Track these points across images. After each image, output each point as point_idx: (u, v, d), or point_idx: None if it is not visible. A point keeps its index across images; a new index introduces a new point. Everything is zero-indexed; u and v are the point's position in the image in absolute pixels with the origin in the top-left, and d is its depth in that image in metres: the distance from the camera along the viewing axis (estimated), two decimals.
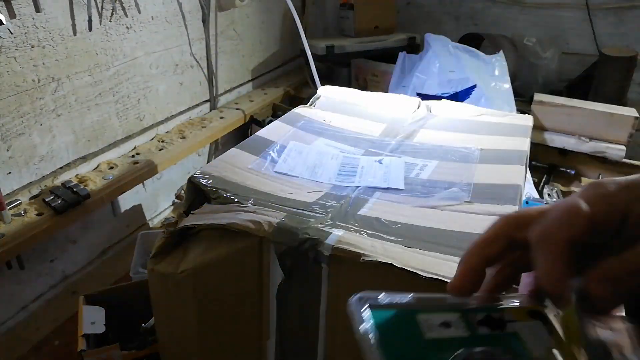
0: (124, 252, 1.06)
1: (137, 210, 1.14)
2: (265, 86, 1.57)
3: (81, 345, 0.65)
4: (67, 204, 0.85)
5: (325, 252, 0.49)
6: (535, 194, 1.16)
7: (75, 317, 0.71)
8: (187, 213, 0.59)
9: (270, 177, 0.65)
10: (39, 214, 0.83)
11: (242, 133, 1.39)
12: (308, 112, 0.86)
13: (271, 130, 0.78)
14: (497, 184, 0.63)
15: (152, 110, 1.13)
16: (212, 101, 1.34)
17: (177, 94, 1.20)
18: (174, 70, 1.17)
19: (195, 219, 0.56)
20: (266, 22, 1.52)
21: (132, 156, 1.06)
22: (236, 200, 0.58)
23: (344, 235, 0.51)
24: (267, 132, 0.77)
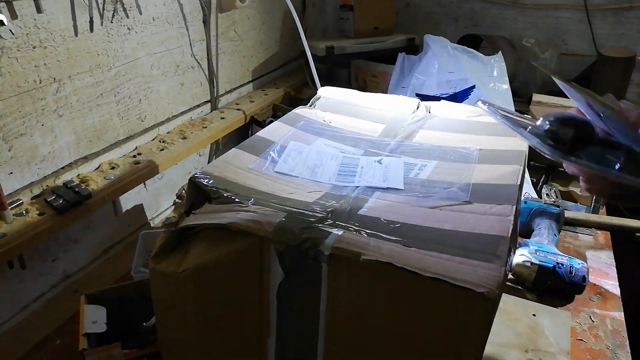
0: (125, 252, 1.07)
1: (138, 210, 1.14)
2: (265, 87, 1.57)
3: (82, 344, 0.65)
4: (69, 203, 0.85)
5: (325, 252, 0.50)
6: (534, 194, 1.16)
7: (77, 316, 0.71)
8: (188, 213, 0.60)
9: (270, 177, 0.65)
10: (40, 214, 0.84)
11: (242, 133, 1.40)
12: (308, 112, 0.87)
13: (271, 131, 0.78)
14: (495, 184, 0.63)
15: (153, 111, 1.14)
16: (213, 102, 1.34)
17: (178, 95, 1.21)
18: (175, 71, 1.18)
19: (196, 218, 0.56)
20: (266, 23, 1.52)
21: (134, 156, 1.06)
22: (237, 200, 0.58)
23: (343, 234, 0.51)
24: (268, 132, 0.78)
